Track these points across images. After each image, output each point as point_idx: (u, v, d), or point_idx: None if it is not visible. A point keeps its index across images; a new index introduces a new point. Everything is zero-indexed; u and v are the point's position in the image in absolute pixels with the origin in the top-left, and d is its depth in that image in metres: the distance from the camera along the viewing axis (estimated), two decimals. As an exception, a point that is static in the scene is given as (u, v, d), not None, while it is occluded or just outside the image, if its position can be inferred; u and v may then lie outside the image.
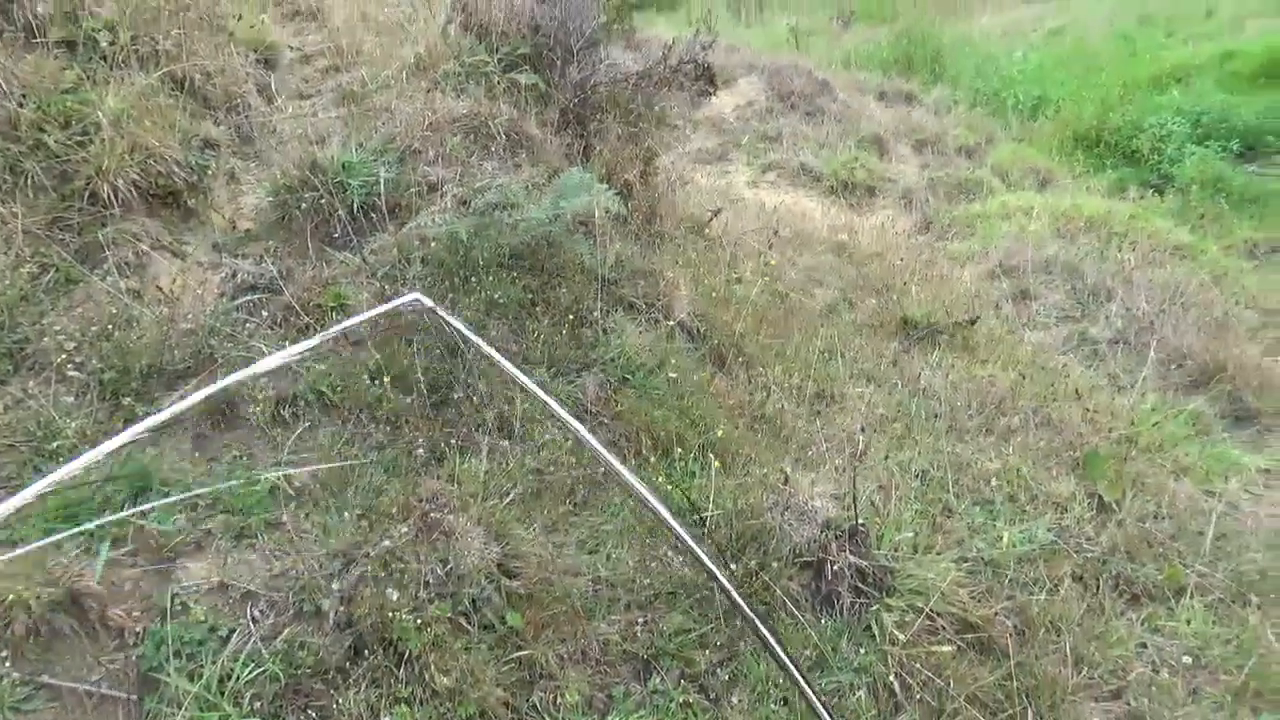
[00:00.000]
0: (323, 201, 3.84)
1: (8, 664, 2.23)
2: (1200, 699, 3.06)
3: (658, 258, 4.30)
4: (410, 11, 6.14)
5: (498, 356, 1.71)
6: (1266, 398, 4.96)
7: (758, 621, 1.77)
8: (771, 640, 1.78)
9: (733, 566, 2.94)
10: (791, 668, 1.79)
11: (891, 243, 7.18)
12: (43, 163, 3.50)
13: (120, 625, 2.41)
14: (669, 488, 3.13)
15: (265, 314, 3.38)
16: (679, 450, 3.34)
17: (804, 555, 3.06)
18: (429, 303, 1.67)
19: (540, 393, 1.71)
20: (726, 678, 2.72)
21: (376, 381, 3.11)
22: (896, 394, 4.35)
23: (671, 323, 3.89)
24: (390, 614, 2.38)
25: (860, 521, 3.06)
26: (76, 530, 2.42)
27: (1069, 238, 7.90)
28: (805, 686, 1.81)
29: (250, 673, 2.30)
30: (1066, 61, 13.95)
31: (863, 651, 2.88)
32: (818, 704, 1.85)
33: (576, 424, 1.73)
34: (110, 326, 3.18)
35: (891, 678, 2.80)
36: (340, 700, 2.31)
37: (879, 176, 9.87)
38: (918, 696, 2.81)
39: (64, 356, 3.05)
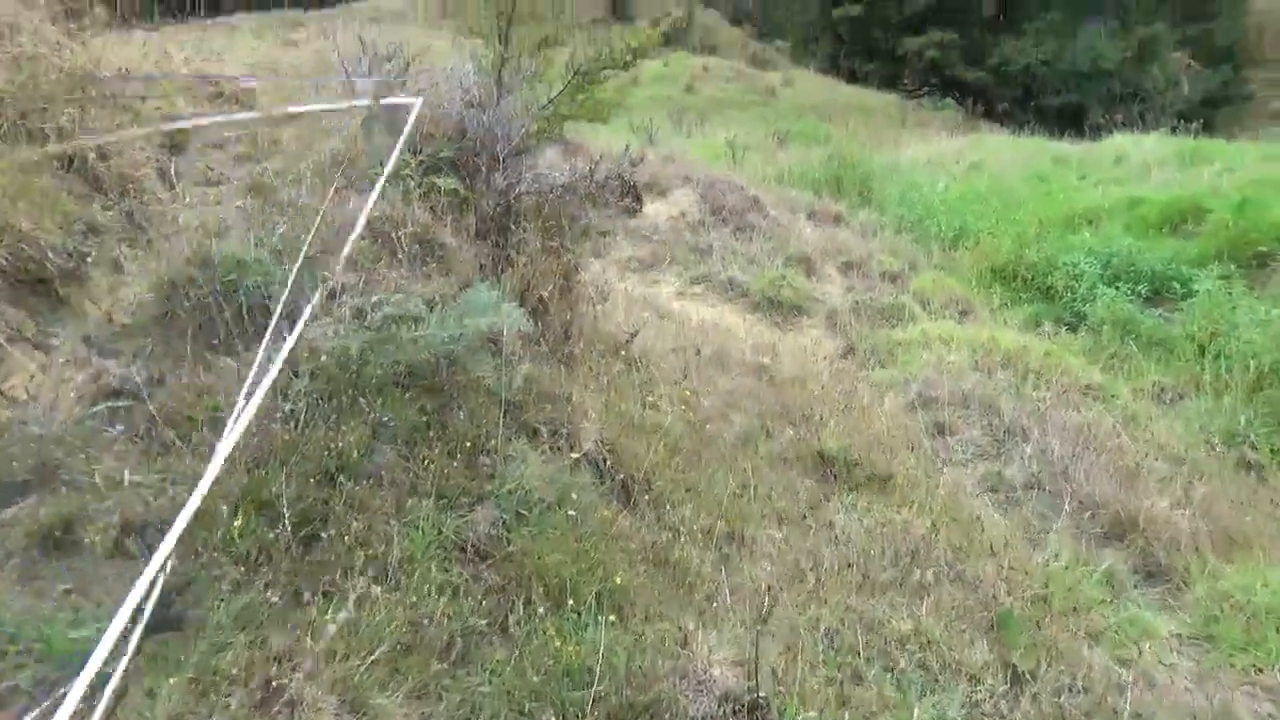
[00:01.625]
0: (209, 301, 3.56)
1: None
2: None
3: (569, 381, 4.10)
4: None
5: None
6: (1175, 554, 4.93)
7: None
8: None
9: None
10: None
11: (813, 368, 7.13)
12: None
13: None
14: (558, 645, 2.85)
15: (126, 424, 3.05)
16: (572, 600, 3.07)
17: (700, 731, 2.79)
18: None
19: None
20: None
21: (238, 509, 2.80)
22: (810, 538, 4.17)
23: (576, 455, 3.67)
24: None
25: (761, 694, 2.82)
26: None
27: (987, 371, 7.99)
28: None
29: None
30: (985, 195, 14.52)
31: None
32: None
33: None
34: (-61, 430, 2.82)
35: None
36: None
37: (805, 296, 9.95)
38: None
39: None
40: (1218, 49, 31.86)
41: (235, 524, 2.73)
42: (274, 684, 2.27)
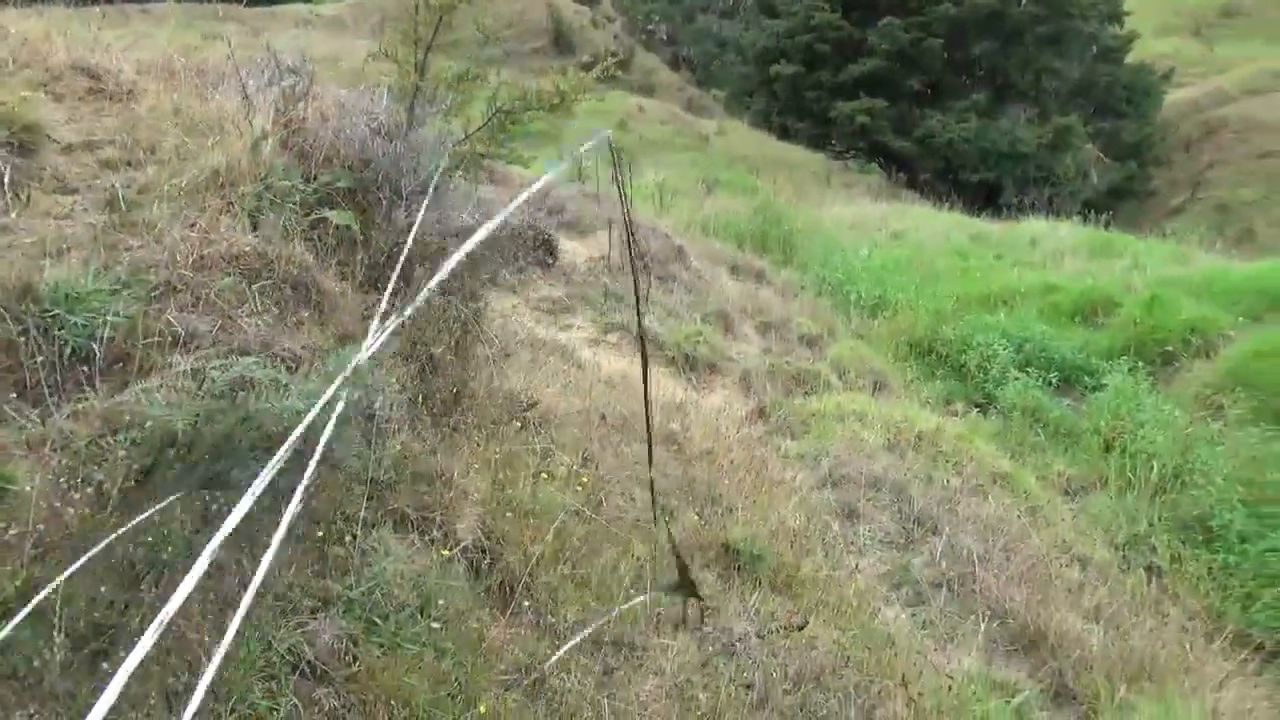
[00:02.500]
0: (23, 340, 2.99)
1: None
2: None
3: (452, 457, 3.63)
4: (232, 112, 5.42)
5: None
6: (1085, 676, 4.71)
7: None
8: None
9: None
10: None
11: (724, 436, 6.80)
12: None
13: None
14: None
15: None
16: (425, 736, 2.59)
17: None
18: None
19: None
20: None
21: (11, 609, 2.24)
22: (705, 648, 3.77)
23: (448, 551, 3.19)
24: None
25: None
26: None
27: (899, 452, 7.81)
28: None
29: None
30: (906, 266, 14.62)
31: None
32: None
33: None
34: None
35: None
36: None
37: (721, 354, 9.67)
38: None
39: None
40: (1126, 145, 33.45)
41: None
42: None
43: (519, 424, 4.49)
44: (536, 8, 38.79)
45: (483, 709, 2.76)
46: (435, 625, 2.88)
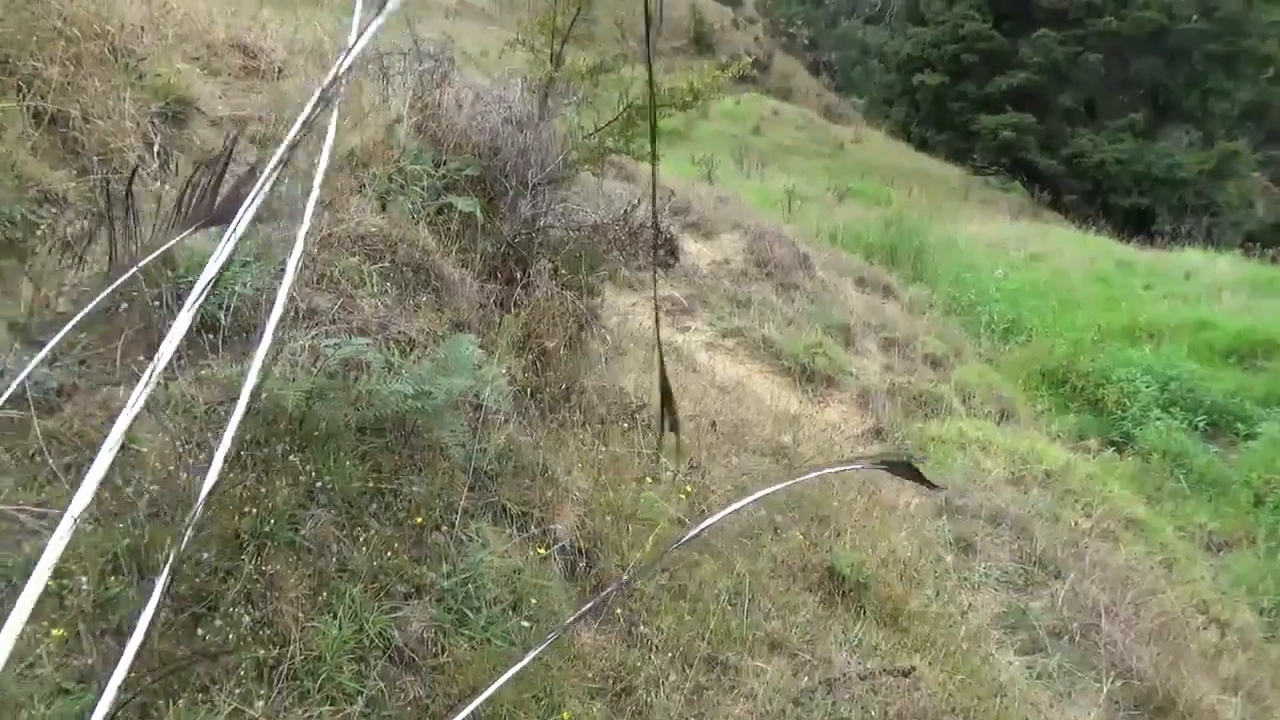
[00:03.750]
0: (161, 302, 3.09)
1: None
2: None
3: (557, 453, 3.57)
4: (372, 94, 5.55)
5: None
6: (1218, 753, 4.30)
7: None
8: None
9: None
10: None
11: (837, 455, 6.55)
12: None
13: None
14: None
15: (12, 446, 2.57)
16: (504, 738, 2.53)
17: None
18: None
19: None
20: None
21: (108, 571, 2.29)
22: (802, 677, 3.59)
23: (544, 550, 3.13)
24: None
25: None
26: None
27: (1023, 486, 7.37)
28: None
29: None
30: (1044, 290, 13.88)
31: None
32: None
33: None
34: None
35: None
36: None
37: (840, 368, 9.36)
38: None
39: None
40: (1299, 175, 30.98)
41: (103, 589, 2.23)
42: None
43: (626, 424, 4.41)
44: (679, 6, 38.81)
45: (566, 715, 2.68)
46: (526, 624, 2.82)
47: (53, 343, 1.59)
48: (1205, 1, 29.69)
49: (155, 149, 3.88)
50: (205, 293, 1.00)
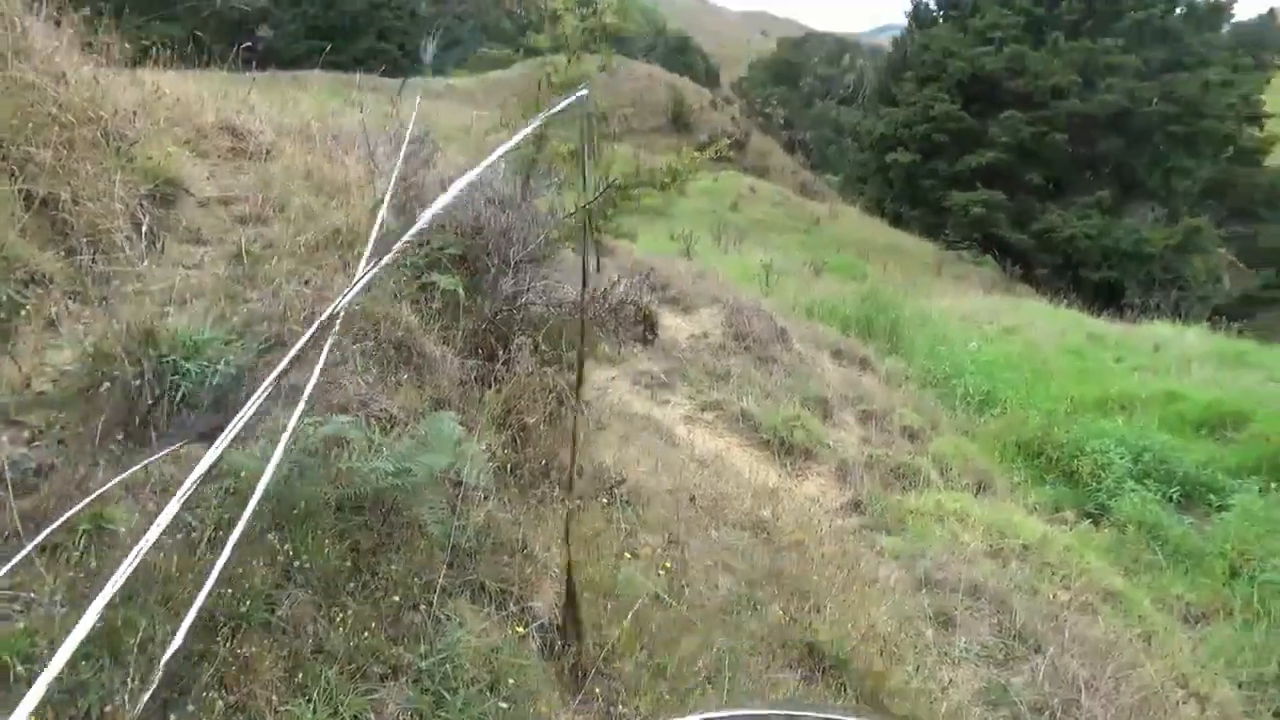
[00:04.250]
0: (139, 381, 3.12)
1: None
2: None
3: (536, 529, 3.58)
4: (358, 175, 5.67)
5: None
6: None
7: None
8: None
9: None
10: None
11: (816, 528, 6.56)
12: None
13: None
14: None
15: (-9, 520, 2.56)
16: (479, 824, 2.50)
17: None
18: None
19: None
20: None
21: (81, 655, 2.27)
22: (783, 757, 3.56)
23: (522, 628, 3.12)
24: None
25: None
26: None
27: (1002, 559, 7.39)
28: None
29: None
30: (1017, 363, 14.09)
31: None
32: None
33: None
34: None
35: None
36: None
37: (818, 441, 9.42)
38: None
39: None
40: (1263, 251, 31.83)
41: (75, 675, 2.21)
42: None
43: (605, 499, 4.42)
44: (658, 88, 39.91)
45: (542, 801, 2.65)
46: (504, 704, 2.80)
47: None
48: (1165, 85, 30.92)
49: (143, 229, 3.95)
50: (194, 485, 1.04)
